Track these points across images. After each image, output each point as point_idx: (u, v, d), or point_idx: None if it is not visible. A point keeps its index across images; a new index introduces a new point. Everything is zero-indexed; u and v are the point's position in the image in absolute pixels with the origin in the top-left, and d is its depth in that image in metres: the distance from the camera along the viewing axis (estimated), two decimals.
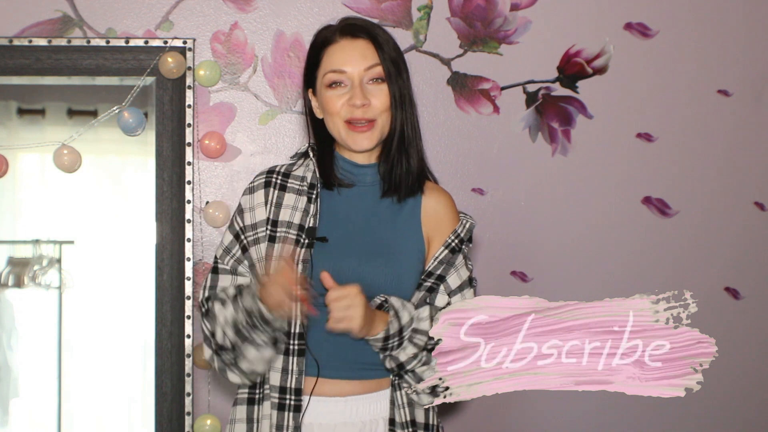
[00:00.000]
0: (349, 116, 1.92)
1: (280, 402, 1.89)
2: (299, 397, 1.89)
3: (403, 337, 1.87)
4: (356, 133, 1.93)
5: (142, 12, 2.94)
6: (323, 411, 1.91)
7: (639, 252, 3.07)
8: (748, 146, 3.10)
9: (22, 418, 3.62)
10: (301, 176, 1.99)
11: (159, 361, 2.89)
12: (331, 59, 1.94)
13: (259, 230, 1.95)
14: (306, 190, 1.97)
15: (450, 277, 1.97)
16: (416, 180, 1.99)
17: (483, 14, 3.02)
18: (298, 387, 1.89)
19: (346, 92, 1.93)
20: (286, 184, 1.98)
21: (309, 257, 1.89)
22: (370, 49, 1.94)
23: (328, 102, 1.94)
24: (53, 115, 3.32)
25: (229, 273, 1.96)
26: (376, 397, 1.95)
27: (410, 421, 1.94)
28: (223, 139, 2.92)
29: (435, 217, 2.00)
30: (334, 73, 1.93)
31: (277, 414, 1.89)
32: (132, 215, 3.32)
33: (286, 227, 1.94)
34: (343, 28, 1.96)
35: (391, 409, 1.94)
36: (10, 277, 3.50)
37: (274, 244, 1.93)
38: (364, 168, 1.99)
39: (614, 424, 3.05)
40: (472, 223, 2.04)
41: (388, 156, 1.98)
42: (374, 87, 1.94)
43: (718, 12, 3.08)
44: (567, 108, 3.05)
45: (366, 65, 1.93)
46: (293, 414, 1.88)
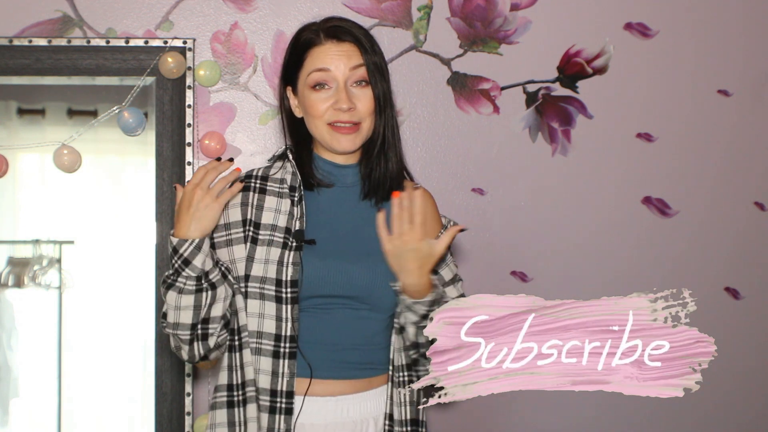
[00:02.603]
0: (334, 119, 1.92)
1: (271, 405, 1.89)
2: (290, 400, 1.89)
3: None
4: (340, 134, 1.93)
5: (142, 12, 2.94)
6: (314, 411, 1.91)
7: (639, 252, 3.07)
8: (748, 146, 3.10)
9: (22, 418, 3.62)
10: (280, 179, 1.98)
11: (159, 361, 2.89)
12: (315, 60, 1.94)
13: (233, 231, 1.94)
14: (287, 193, 1.96)
15: (443, 270, 2.00)
16: (394, 183, 1.99)
17: (483, 14, 3.02)
18: (289, 390, 1.89)
19: (331, 95, 1.92)
20: (266, 187, 1.97)
21: (299, 259, 1.90)
22: (356, 52, 1.94)
23: (313, 105, 1.93)
24: (53, 115, 3.31)
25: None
26: (367, 396, 1.95)
27: (411, 419, 1.95)
28: (223, 139, 2.92)
29: None
30: (318, 72, 1.92)
31: (268, 417, 1.88)
32: (132, 215, 3.32)
33: (270, 230, 1.93)
34: (328, 29, 1.95)
35: (389, 405, 1.94)
36: (10, 277, 3.50)
37: (256, 246, 1.92)
38: (345, 168, 2.00)
39: (614, 424, 3.04)
40: (454, 222, 2.06)
41: (369, 159, 1.99)
42: (358, 90, 1.93)
43: (718, 12, 3.08)
44: (567, 108, 3.05)
45: (351, 65, 1.92)
46: (284, 417, 1.88)
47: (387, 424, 1.94)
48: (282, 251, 1.90)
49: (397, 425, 1.94)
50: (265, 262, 1.91)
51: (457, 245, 2.89)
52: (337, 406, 1.92)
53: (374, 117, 1.95)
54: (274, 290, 1.89)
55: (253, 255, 1.91)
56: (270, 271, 1.90)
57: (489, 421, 3.03)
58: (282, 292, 1.89)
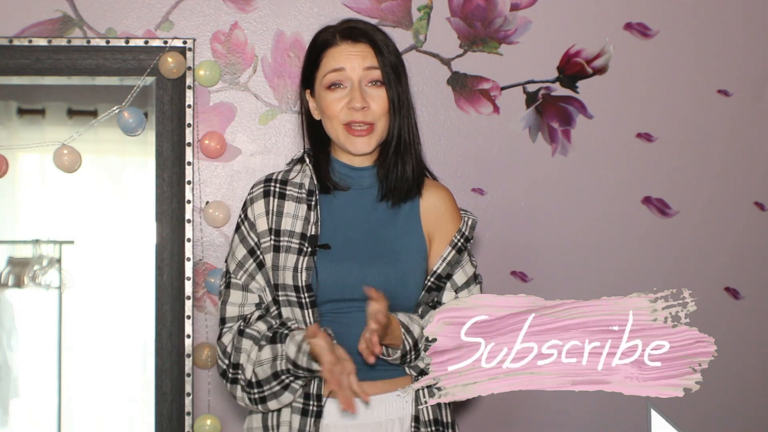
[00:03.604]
0: (349, 119, 1.93)
1: (304, 408, 1.91)
2: (320, 403, 1.91)
3: (419, 348, 1.89)
4: (355, 137, 1.94)
5: (142, 12, 2.94)
6: (339, 412, 1.91)
7: (639, 252, 3.06)
8: (748, 146, 3.10)
9: (22, 418, 3.62)
10: (299, 183, 1.99)
11: (159, 361, 2.88)
12: (330, 61, 1.95)
13: (263, 241, 1.96)
14: (305, 198, 1.97)
15: (456, 275, 1.99)
16: (412, 185, 1.99)
17: (483, 14, 3.02)
18: (318, 393, 1.91)
19: (346, 94, 1.93)
20: (285, 191, 1.98)
21: (313, 264, 1.90)
22: (370, 53, 1.94)
23: (328, 105, 1.94)
24: (53, 115, 3.31)
25: (240, 289, 1.97)
26: (392, 397, 1.95)
27: (433, 419, 1.95)
28: (223, 139, 2.92)
29: (434, 213, 2.01)
30: (333, 72, 1.94)
31: (300, 419, 1.90)
32: (132, 215, 3.32)
33: (288, 236, 1.94)
34: (343, 31, 1.96)
35: (414, 407, 1.94)
36: (10, 277, 3.50)
37: (279, 253, 1.94)
38: (361, 171, 2.00)
39: (614, 423, 3.04)
40: (474, 220, 2.05)
41: (385, 160, 1.99)
42: (373, 90, 1.94)
43: (718, 12, 3.08)
44: (567, 108, 3.04)
45: (365, 65, 1.93)
46: (314, 420, 1.90)
47: (413, 426, 1.94)
48: (297, 257, 1.92)
49: (423, 426, 1.94)
50: (283, 269, 1.92)
51: None
52: (361, 407, 1.92)
53: (388, 118, 1.96)
54: (295, 296, 1.92)
55: (277, 263, 1.93)
56: (287, 278, 1.92)
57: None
58: (301, 298, 1.91)
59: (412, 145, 2.01)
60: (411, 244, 1.98)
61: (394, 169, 1.99)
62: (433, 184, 2.06)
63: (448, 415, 2.01)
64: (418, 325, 1.90)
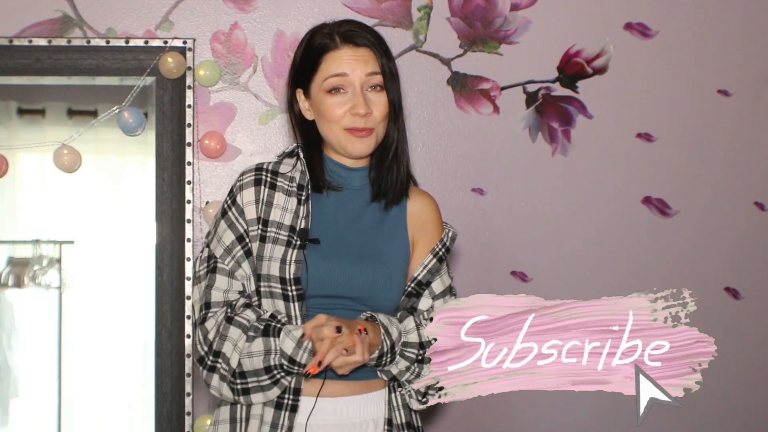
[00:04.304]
0: (351, 125, 1.93)
1: (278, 401, 1.90)
2: (297, 397, 1.90)
3: (395, 352, 1.89)
4: (356, 138, 1.93)
5: (142, 12, 2.94)
6: (313, 410, 1.91)
7: (639, 252, 3.07)
8: (748, 146, 3.10)
9: (22, 418, 3.62)
10: (290, 176, 1.99)
11: (159, 361, 2.89)
12: (331, 65, 1.94)
13: (251, 229, 1.95)
14: (295, 192, 1.96)
15: (434, 283, 2.00)
16: (403, 188, 2.00)
17: (483, 14, 3.02)
18: (297, 387, 1.90)
19: (347, 99, 1.92)
20: (276, 182, 1.97)
21: (302, 258, 1.90)
22: (372, 57, 1.94)
23: (329, 109, 1.93)
24: (53, 115, 3.32)
25: (227, 275, 1.95)
26: (367, 398, 1.95)
27: (406, 423, 1.96)
28: (223, 139, 2.92)
29: (420, 219, 2.03)
30: (335, 77, 1.93)
31: (274, 412, 1.89)
32: (132, 215, 3.32)
33: (276, 228, 1.93)
34: (344, 34, 1.95)
35: (387, 410, 1.95)
36: (10, 277, 3.50)
37: (265, 244, 1.93)
38: (354, 171, 2.00)
39: (613, 423, 3.04)
40: (455, 233, 2.08)
41: (381, 163, 1.99)
42: (374, 95, 1.94)
43: (718, 12, 3.08)
44: (567, 108, 3.05)
45: (368, 71, 1.93)
46: (289, 414, 1.89)
47: (386, 428, 1.94)
48: (285, 249, 1.91)
49: (396, 429, 1.95)
50: (269, 259, 1.91)
51: (457, 245, 2.89)
52: (335, 406, 1.92)
53: (387, 122, 1.96)
54: (280, 288, 1.90)
55: (262, 253, 1.92)
56: (273, 268, 1.91)
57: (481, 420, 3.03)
58: (288, 290, 1.90)
59: (405, 147, 2.01)
60: (397, 246, 2.00)
61: (389, 173, 1.99)
62: (418, 190, 2.08)
63: (418, 419, 2.01)
64: (397, 328, 1.91)
